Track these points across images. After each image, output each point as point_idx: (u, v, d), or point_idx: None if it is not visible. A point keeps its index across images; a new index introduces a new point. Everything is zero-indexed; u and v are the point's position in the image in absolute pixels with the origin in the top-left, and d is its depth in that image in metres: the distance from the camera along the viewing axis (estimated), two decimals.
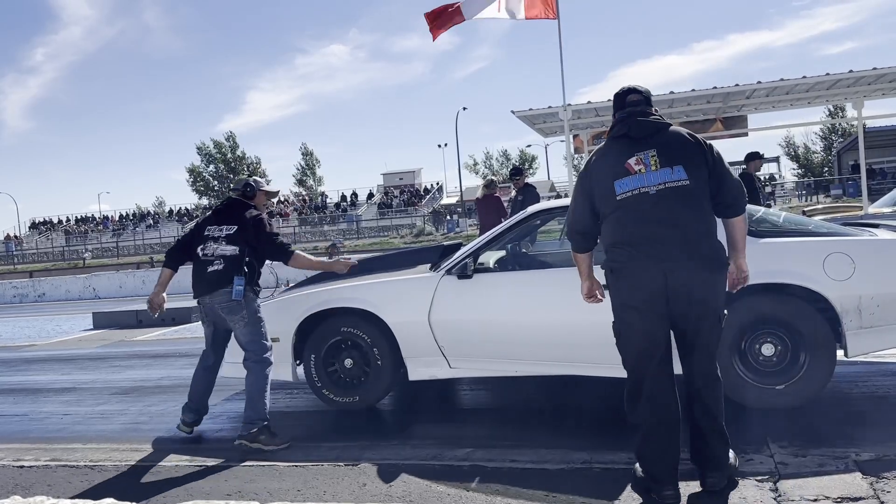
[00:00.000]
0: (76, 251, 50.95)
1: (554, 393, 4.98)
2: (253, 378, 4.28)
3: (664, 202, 2.92)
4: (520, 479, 3.36)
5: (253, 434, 4.13)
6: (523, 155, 64.23)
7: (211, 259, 4.39)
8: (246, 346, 4.37)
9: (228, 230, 4.43)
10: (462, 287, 4.52)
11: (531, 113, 11.26)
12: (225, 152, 64.40)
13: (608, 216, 3.04)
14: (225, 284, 4.31)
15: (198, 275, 4.44)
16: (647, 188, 2.95)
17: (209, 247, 4.42)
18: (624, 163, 3.00)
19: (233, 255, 4.37)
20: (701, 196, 2.96)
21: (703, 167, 2.97)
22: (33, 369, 7.76)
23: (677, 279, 2.90)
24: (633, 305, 2.99)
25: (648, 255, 2.92)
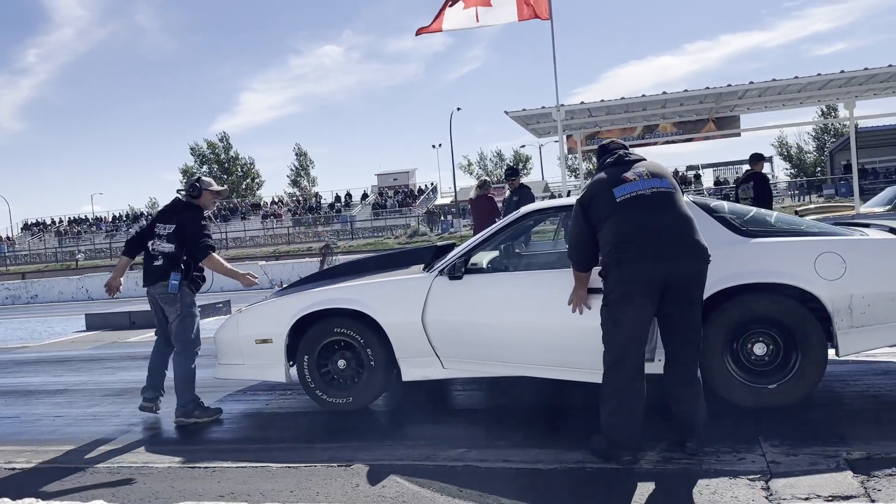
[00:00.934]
0: (69, 252, 50.75)
1: (547, 393, 4.99)
2: (178, 369, 4.87)
3: (658, 200, 3.45)
4: (513, 479, 3.36)
5: (187, 411, 4.77)
6: (517, 155, 64.31)
7: (155, 255, 4.88)
8: (175, 336, 4.89)
9: (168, 229, 4.89)
10: (455, 288, 4.51)
11: (525, 113, 11.27)
12: (219, 153, 64.28)
13: (608, 218, 3.47)
14: (164, 278, 4.79)
15: (146, 267, 4.95)
16: (643, 191, 3.47)
17: (155, 243, 4.91)
18: (621, 175, 3.54)
19: (171, 253, 4.83)
20: (682, 201, 3.55)
21: (676, 184, 3.62)
22: (25, 371, 7.73)
23: (677, 270, 3.37)
24: (632, 297, 3.37)
25: (652, 250, 3.35)
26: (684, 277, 3.39)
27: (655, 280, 3.35)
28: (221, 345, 5.11)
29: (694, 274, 3.43)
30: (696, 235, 3.44)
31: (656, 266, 3.34)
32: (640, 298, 3.37)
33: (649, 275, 3.35)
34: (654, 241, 3.37)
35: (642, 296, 3.37)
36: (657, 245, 3.36)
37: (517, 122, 11.86)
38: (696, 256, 3.41)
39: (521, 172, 9.70)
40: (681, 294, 3.41)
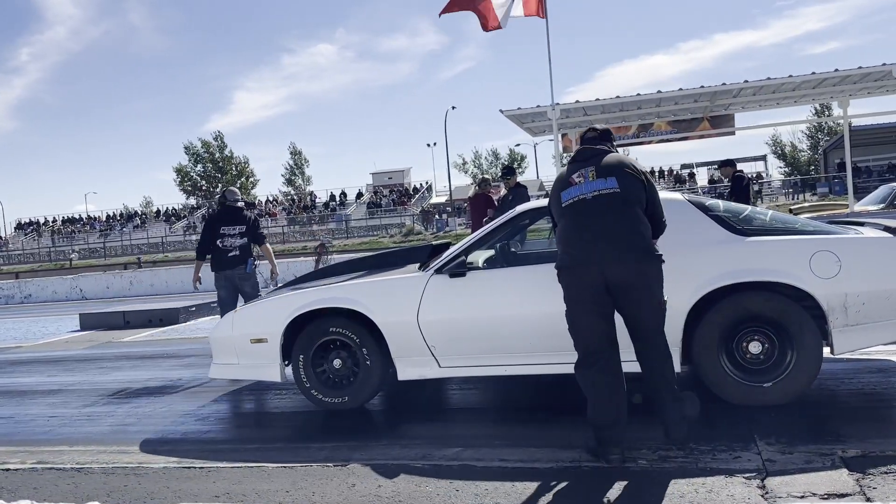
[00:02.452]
0: (63, 252, 50.55)
1: (542, 392, 4.99)
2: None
3: (598, 204, 3.48)
4: (509, 477, 3.36)
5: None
6: (512, 154, 64.32)
7: (229, 248, 6.64)
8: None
9: (239, 229, 6.73)
10: (451, 286, 4.51)
11: (520, 112, 11.27)
12: (213, 152, 64.08)
13: (558, 223, 3.69)
14: (241, 263, 6.67)
15: (221, 258, 6.65)
16: (585, 195, 3.53)
17: (226, 241, 6.65)
18: (569, 177, 3.64)
19: (243, 244, 6.71)
20: (632, 201, 3.50)
21: (636, 182, 3.54)
22: (19, 371, 7.69)
23: (615, 274, 3.41)
24: (578, 302, 3.51)
25: (586, 256, 3.43)
26: (623, 280, 3.42)
27: (595, 284, 3.43)
28: (216, 344, 5.09)
29: (633, 275, 3.43)
30: (632, 236, 3.44)
31: (591, 271, 3.42)
32: (585, 303, 3.47)
33: (588, 280, 3.44)
34: (588, 246, 3.44)
35: (587, 301, 3.46)
36: (590, 251, 3.43)
37: (512, 120, 11.85)
38: (631, 258, 3.41)
39: (517, 172, 9.68)
40: (629, 295, 3.46)
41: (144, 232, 54.73)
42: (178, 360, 7.46)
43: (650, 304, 3.50)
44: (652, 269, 3.48)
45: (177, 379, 6.46)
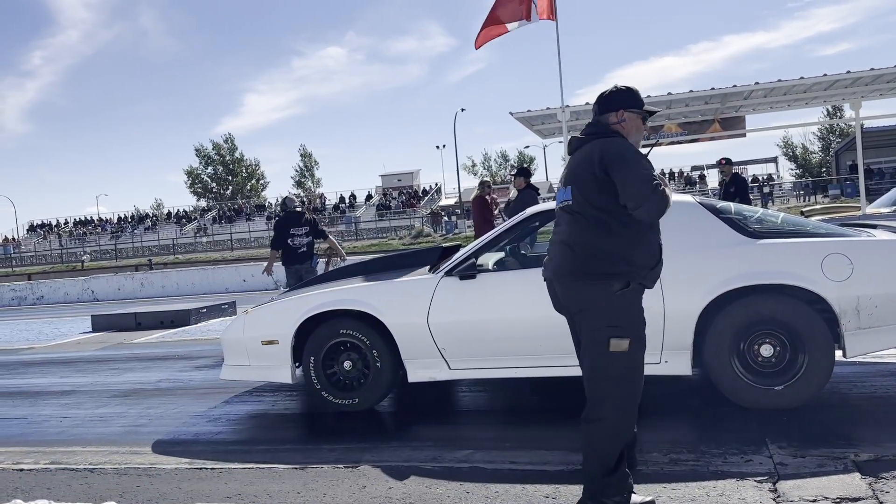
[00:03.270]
0: (74, 253, 50.89)
1: (552, 394, 4.99)
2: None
3: (559, 220, 3.08)
4: (519, 480, 3.36)
5: None
6: (521, 156, 64.29)
7: (298, 246, 7.96)
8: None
9: (304, 230, 8.02)
10: (461, 288, 4.52)
11: (529, 114, 11.27)
12: (223, 154, 64.38)
13: None
14: (308, 259, 8.05)
15: (292, 254, 7.94)
16: (558, 205, 3.09)
17: (295, 240, 7.95)
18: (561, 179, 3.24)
19: (309, 242, 8.05)
20: (584, 214, 2.87)
21: (590, 183, 2.84)
22: (32, 372, 7.75)
23: (556, 292, 3.02)
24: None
25: (545, 271, 3.10)
26: (562, 303, 2.99)
27: (559, 306, 3.06)
28: (228, 346, 5.12)
29: (567, 300, 2.93)
30: (567, 251, 2.90)
31: (552, 291, 3.07)
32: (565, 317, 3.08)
33: (551, 296, 3.09)
34: (546, 263, 3.09)
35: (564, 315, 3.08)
36: (547, 266, 3.06)
37: (522, 123, 11.86)
38: (565, 276, 2.90)
39: (531, 173, 9.65)
40: (571, 318, 3.00)
41: (155, 234, 55.03)
42: (190, 362, 7.50)
43: (586, 341, 2.87)
44: (584, 293, 2.83)
45: (188, 380, 6.50)
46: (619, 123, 2.96)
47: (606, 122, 2.97)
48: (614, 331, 2.78)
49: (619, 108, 2.96)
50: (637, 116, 2.98)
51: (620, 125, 2.96)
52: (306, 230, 8.00)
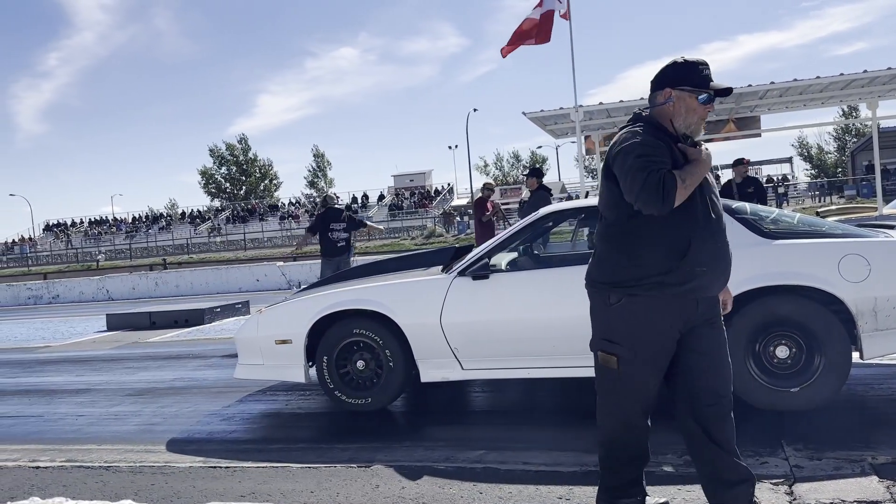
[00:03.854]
0: (90, 253, 51.30)
1: (565, 395, 4.97)
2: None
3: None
4: (533, 481, 3.35)
5: None
6: (534, 156, 64.18)
7: (337, 240, 8.90)
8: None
9: (342, 225, 8.97)
10: (474, 288, 4.51)
11: (542, 114, 11.24)
12: (237, 155, 64.71)
13: None
14: (346, 252, 8.99)
15: (331, 247, 8.91)
16: None
17: (334, 234, 8.89)
18: None
19: (347, 237, 8.99)
20: (602, 215, 2.67)
21: (603, 180, 2.65)
22: (48, 370, 7.82)
23: None
24: None
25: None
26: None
27: None
28: (241, 345, 5.14)
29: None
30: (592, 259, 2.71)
31: None
32: None
33: None
34: None
35: None
36: None
37: (535, 123, 11.83)
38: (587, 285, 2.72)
39: (543, 174, 9.63)
40: None
41: (169, 233, 55.40)
42: (204, 361, 7.54)
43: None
44: (590, 302, 2.68)
45: (202, 379, 6.53)
46: (665, 104, 2.57)
47: (653, 104, 2.62)
48: (604, 344, 2.61)
49: (665, 86, 2.57)
50: (689, 96, 2.53)
51: (667, 106, 2.57)
52: (344, 226, 8.96)
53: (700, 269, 2.48)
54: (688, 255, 2.46)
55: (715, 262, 2.53)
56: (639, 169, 2.39)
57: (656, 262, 2.48)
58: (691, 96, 2.53)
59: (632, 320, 2.53)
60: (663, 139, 2.51)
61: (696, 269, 2.47)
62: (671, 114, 2.56)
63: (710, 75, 2.56)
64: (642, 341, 2.54)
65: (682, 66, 2.57)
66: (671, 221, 2.45)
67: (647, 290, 2.49)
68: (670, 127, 2.57)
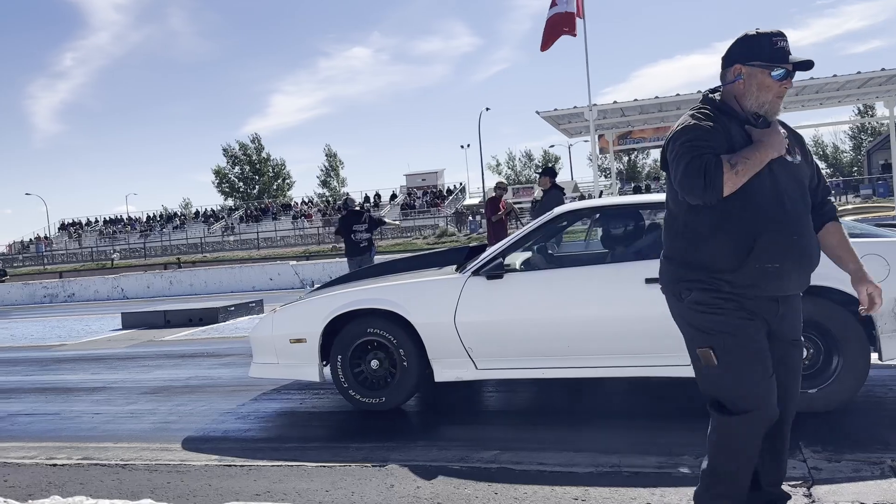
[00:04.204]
0: (104, 252, 51.70)
1: (580, 396, 4.96)
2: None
3: None
4: (548, 481, 3.34)
5: None
6: (546, 155, 64.07)
7: (360, 241, 9.73)
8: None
9: (364, 226, 9.78)
10: (488, 288, 4.51)
11: (556, 113, 11.20)
12: (250, 154, 65.01)
13: None
14: (368, 251, 9.75)
15: (354, 247, 9.74)
16: None
17: (357, 234, 9.72)
18: None
19: (369, 237, 9.79)
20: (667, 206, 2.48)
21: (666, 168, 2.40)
22: (64, 368, 7.88)
23: None
24: None
25: None
26: None
27: None
28: (256, 344, 5.15)
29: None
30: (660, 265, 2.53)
31: None
32: None
33: None
34: None
35: None
36: None
37: (548, 122, 11.80)
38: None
39: (556, 174, 9.60)
40: None
41: (183, 232, 55.71)
42: (218, 359, 7.57)
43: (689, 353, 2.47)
44: (671, 306, 2.49)
45: (217, 377, 6.56)
46: (734, 82, 2.35)
47: (723, 82, 2.40)
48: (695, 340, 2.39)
49: (734, 62, 2.34)
50: (761, 72, 2.29)
51: (736, 84, 2.34)
52: (366, 226, 9.76)
53: (771, 265, 2.26)
54: (754, 251, 2.25)
55: (790, 257, 2.28)
56: (682, 154, 2.21)
57: (720, 259, 2.29)
58: (763, 72, 2.28)
59: (711, 308, 2.32)
60: (726, 121, 2.30)
61: (767, 267, 2.26)
62: (740, 92, 2.33)
63: (787, 47, 2.30)
64: (731, 325, 2.31)
65: (752, 38, 2.32)
66: (733, 212, 2.25)
67: (715, 291, 2.31)
68: (737, 106, 2.34)
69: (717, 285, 2.31)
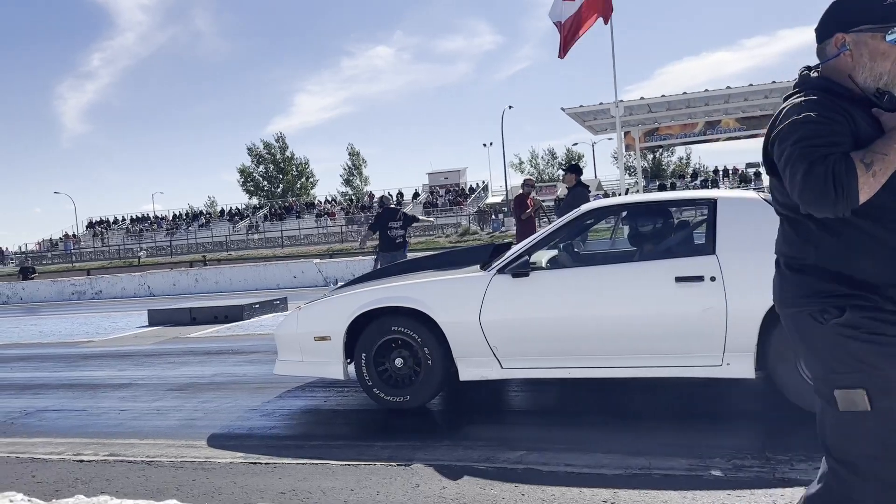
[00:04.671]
0: (131, 250, 52.38)
1: (607, 396, 4.88)
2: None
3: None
4: (576, 483, 3.28)
5: None
6: (569, 153, 63.75)
7: (395, 237, 9.86)
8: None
9: (399, 223, 9.93)
10: (514, 286, 4.45)
11: (581, 110, 11.10)
12: (274, 153, 65.50)
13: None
14: (403, 248, 9.93)
15: (389, 243, 9.84)
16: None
17: (392, 231, 9.83)
18: None
19: (404, 234, 9.96)
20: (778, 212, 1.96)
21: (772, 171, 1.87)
22: (91, 365, 7.96)
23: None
24: None
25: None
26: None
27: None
28: (281, 341, 5.15)
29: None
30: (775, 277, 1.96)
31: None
32: None
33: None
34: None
35: None
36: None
37: (573, 118, 11.69)
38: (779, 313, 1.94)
39: (580, 170, 9.49)
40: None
41: (209, 231, 56.24)
42: (244, 356, 7.60)
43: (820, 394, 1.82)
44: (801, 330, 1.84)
45: (242, 374, 6.58)
46: (838, 56, 1.85)
47: (823, 58, 1.91)
48: (838, 378, 1.75)
49: (834, 32, 1.87)
50: (871, 37, 1.80)
51: (841, 58, 1.85)
52: (401, 223, 9.94)
53: None
54: None
55: None
56: (798, 159, 1.68)
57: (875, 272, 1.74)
58: (875, 36, 1.80)
59: (870, 334, 1.72)
60: (842, 105, 1.77)
61: None
62: (849, 67, 1.84)
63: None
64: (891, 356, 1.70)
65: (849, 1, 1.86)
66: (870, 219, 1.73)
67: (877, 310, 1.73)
68: (851, 84, 1.84)
69: (879, 303, 1.73)
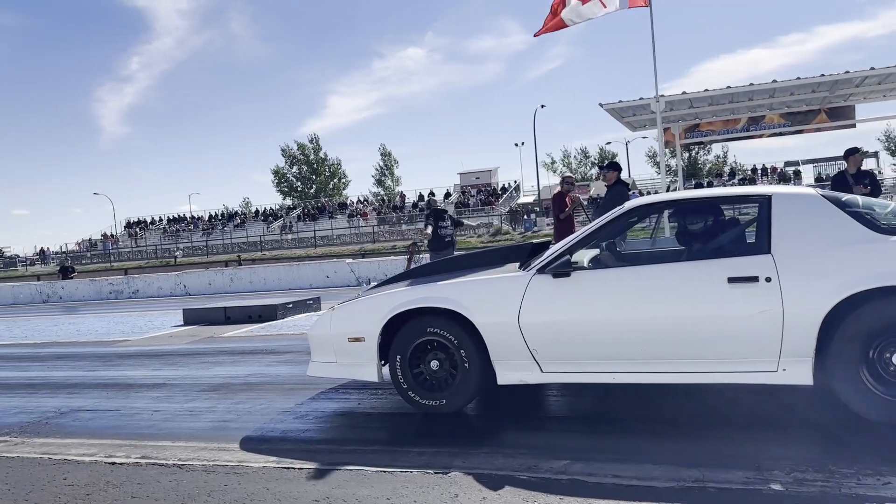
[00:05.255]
0: (168, 250, 53.12)
1: (652, 401, 4.66)
2: None
3: None
4: (624, 496, 3.09)
5: None
6: (603, 152, 63.04)
7: (445, 236, 10.08)
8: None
9: (449, 221, 10.27)
10: (554, 287, 4.27)
11: (621, 105, 10.83)
12: (308, 154, 65.95)
13: None
14: (453, 247, 10.22)
15: (439, 243, 10.02)
16: None
17: (442, 230, 10.04)
18: None
19: (453, 233, 10.27)
20: None
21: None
22: (126, 364, 7.95)
23: None
24: None
25: None
26: None
27: None
28: (315, 342, 5.04)
29: None
30: None
31: None
32: None
33: None
34: None
35: None
36: None
37: (612, 115, 11.43)
38: None
39: (619, 168, 9.21)
40: None
41: (244, 231, 56.81)
42: (277, 357, 7.52)
43: None
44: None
45: (275, 375, 6.49)
46: None
47: None
48: None
49: None
50: None
51: None
52: (450, 223, 10.37)
53: None
54: None
55: None
56: None
57: None
58: None
59: None
60: None
61: None
62: None
63: None
64: None
65: None
66: None
67: None
68: None
69: None
